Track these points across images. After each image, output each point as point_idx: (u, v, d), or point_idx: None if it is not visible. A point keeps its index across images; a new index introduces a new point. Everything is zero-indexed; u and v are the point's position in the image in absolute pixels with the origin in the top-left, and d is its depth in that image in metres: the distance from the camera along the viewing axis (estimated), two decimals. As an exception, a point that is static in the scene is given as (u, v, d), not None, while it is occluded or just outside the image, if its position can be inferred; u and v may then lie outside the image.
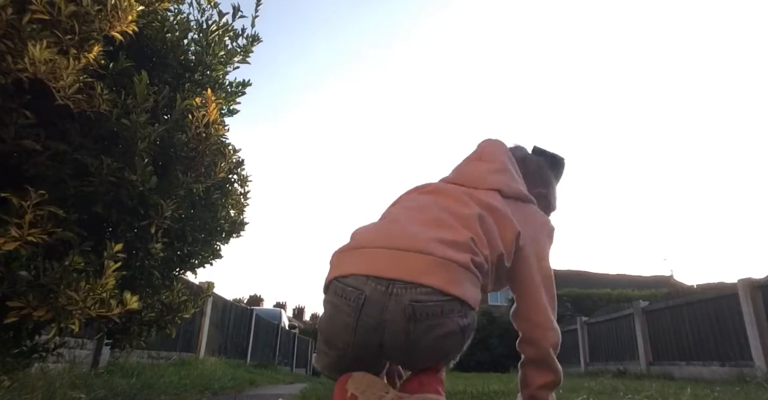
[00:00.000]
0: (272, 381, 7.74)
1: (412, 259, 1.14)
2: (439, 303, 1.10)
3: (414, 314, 1.09)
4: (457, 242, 1.20)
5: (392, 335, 1.11)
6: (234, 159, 2.62)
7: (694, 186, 54.24)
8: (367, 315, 1.10)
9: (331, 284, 1.19)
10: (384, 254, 1.17)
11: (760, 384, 3.90)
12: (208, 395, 3.91)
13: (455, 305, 1.12)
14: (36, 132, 1.77)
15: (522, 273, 1.41)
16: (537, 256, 1.43)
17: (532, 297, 1.42)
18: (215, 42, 2.54)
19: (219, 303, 8.46)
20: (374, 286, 1.11)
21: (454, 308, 1.12)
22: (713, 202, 56.29)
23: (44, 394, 2.13)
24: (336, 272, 1.20)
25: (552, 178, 1.77)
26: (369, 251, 1.20)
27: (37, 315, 1.76)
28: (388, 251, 1.17)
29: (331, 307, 1.17)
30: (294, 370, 15.97)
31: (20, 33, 1.64)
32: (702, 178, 54.28)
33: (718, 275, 51.19)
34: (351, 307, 1.12)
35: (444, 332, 1.12)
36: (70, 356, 3.73)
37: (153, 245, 2.19)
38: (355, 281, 1.14)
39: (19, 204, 1.66)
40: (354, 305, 1.11)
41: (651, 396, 2.88)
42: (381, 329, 1.11)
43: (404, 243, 1.18)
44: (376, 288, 1.11)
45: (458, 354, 1.24)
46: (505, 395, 2.44)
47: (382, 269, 1.13)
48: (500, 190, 1.45)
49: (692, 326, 7.72)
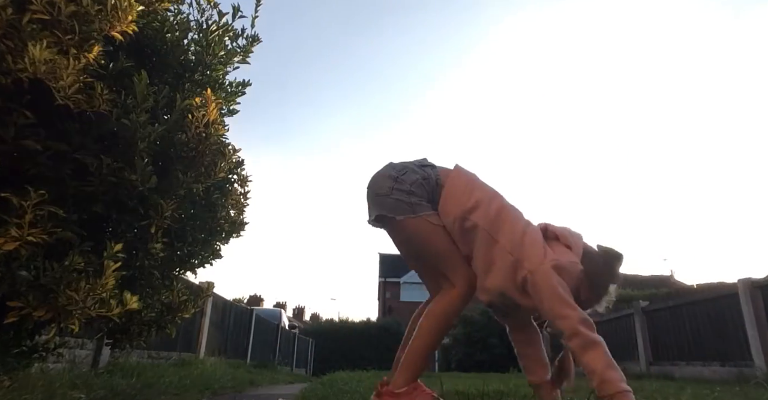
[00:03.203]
0: (272, 381, 7.74)
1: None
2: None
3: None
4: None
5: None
6: (234, 159, 2.62)
7: (695, 186, 54.29)
8: None
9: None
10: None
11: (760, 384, 3.90)
12: (208, 395, 3.91)
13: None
14: (36, 132, 1.77)
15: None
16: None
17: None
18: (215, 42, 2.54)
19: (219, 303, 8.45)
20: None
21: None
22: (713, 202, 56.34)
23: (44, 394, 2.13)
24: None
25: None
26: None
27: (37, 315, 1.76)
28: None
29: None
30: (294, 370, 15.97)
31: (20, 33, 1.64)
32: (702, 178, 54.32)
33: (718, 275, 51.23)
34: None
35: None
36: (70, 356, 3.73)
37: (153, 245, 2.19)
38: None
39: (19, 204, 1.66)
40: None
41: (651, 396, 2.88)
42: None
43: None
44: None
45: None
46: (505, 395, 2.44)
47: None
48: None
49: (692, 326, 7.72)
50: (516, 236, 1.81)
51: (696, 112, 45.94)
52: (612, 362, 1.59)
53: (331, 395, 3.06)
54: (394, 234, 2.04)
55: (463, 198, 1.90)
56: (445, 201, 1.93)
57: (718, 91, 46.24)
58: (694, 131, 48.64)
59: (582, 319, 1.64)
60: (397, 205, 1.88)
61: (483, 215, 1.86)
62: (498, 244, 1.81)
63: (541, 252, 1.76)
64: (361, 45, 49.37)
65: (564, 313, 1.65)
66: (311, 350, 21.69)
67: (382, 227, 2.04)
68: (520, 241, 1.80)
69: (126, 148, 1.96)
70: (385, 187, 1.92)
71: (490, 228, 1.84)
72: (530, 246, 1.78)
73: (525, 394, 2.38)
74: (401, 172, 1.94)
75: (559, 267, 1.72)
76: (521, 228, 1.84)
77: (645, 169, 49.46)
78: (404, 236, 1.99)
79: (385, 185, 1.93)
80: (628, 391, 1.53)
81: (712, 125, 47.58)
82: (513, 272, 1.77)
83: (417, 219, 1.88)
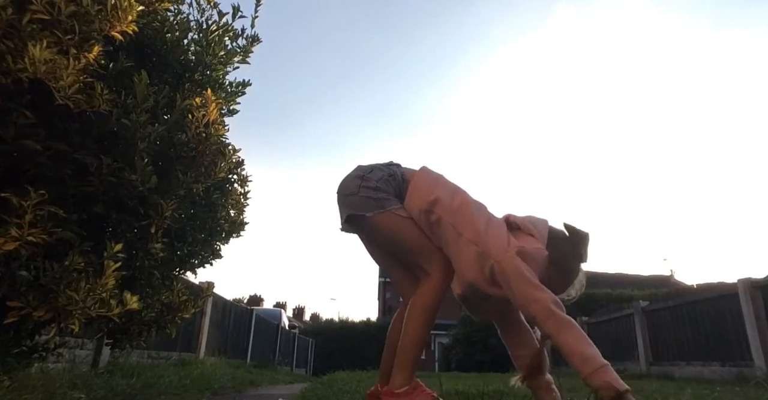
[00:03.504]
0: (272, 381, 7.74)
1: None
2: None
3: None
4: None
5: None
6: (234, 159, 2.62)
7: (695, 186, 54.28)
8: None
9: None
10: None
11: (760, 384, 3.90)
12: (208, 395, 3.91)
13: None
14: (36, 132, 1.77)
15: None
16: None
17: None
18: (215, 42, 2.54)
19: (219, 303, 8.45)
20: None
21: None
22: (713, 202, 56.33)
23: (44, 394, 2.13)
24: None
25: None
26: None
27: (37, 315, 1.76)
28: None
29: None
30: (294, 370, 15.97)
31: (20, 33, 1.64)
32: (702, 178, 54.30)
33: (718, 275, 51.21)
34: None
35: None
36: (70, 356, 3.73)
37: (153, 245, 2.19)
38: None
39: (19, 204, 1.66)
40: None
41: (651, 396, 2.88)
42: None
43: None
44: None
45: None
46: (505, 395, 2.44)
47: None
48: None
49: (692, 326, 7.72)
50: (479, 228, 1.83)
51: (696, 112, 45.97)
52: (587, 339, 1.60)
53: (331, 395, 3.06)
54: (365, 235, 2.09)
55: (426, 192, 1.95)
56: (410, 196, 1.97)
57: (718, 92, 46.25)
58: (694, 131, 48.67)
59: (554, 300, 1.64)
60: (365, 202, 1.92)
61: (446, 208, 1.90)
62: (462, 237, 1.84)
63: (505, 241, 1.78)
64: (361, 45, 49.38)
65: (534, 296, 1.66)
66: (311, 350, 21.70)
67: (354, 231, 2.07)
68: (483, 232, 1.82)
69: (126, 148, 1.96)
70: (353, 186, 1.97)
71: (453, 221, 1.87)
72: (494, 237, 1.80)
73: (525, 394, 2.37)
74: (367, 172, 1.99)
75: (524, 253, 1.73)
76: (484, 220, 1.87)
77: (645, 169, 49.47)
78: (376, 233, 2.02)
79: (352, 185, 1.97)
80: (607, 364, 1.55)
81: (712, 125, 47.61)
82: (479, 263, 1.79)
83: (386, 213, 1.91)
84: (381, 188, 1.94)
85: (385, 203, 1.92)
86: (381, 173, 1.99)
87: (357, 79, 51.96)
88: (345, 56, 50.25)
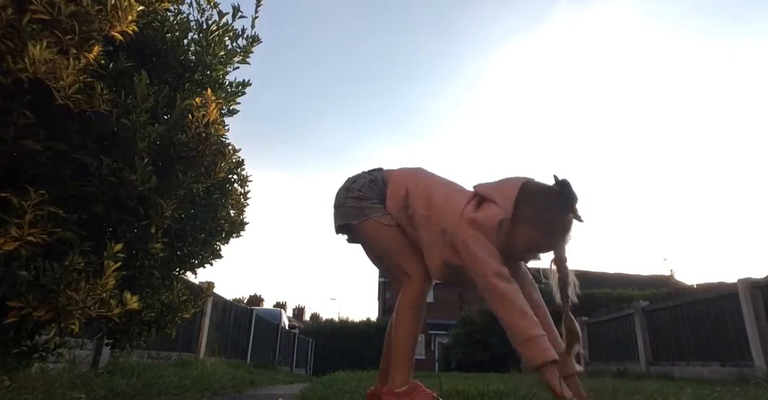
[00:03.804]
0: (272, 381, 7.74)
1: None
2: None
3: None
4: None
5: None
6: (234, 159, 2.62)
7: (695, 186, 54.27)
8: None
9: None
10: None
11: (760, 384, 3.90)
12: (208, 395, 3.90)
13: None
14: (36, 132, 1.77)
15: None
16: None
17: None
18: (215, 42, 2.54)
19: (219, 303, 8.45)
20: None
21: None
22: (713, 202, 56.32)
23: (44, 394, 2.13)
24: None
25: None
26: None
27: (37, 315, 1.76)
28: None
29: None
30: (294, 370, 15.97)
31: (20, 33, 1.64)
32: (702, 178, 54.29)
33: (718, 275, 51.19)
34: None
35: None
36: (70, 356, 3.73)
37: (153, 245, 2.19)
38: None
39: (19, 204, 1.66)
40: None
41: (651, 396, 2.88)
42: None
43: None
44: None
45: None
46: (505, 395, 2.44)
47: None
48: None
49: (692, 326, 7.72)
50: (439, 205, 1.87)
51: (696, 112, 45.96)
52: (522, 308, 1.60)
53: (331, 395, 3.05)
54: (359, 241, 2.13)
55: (399, 189, 1.99)
56: (388, 198, 2.01)
57: (718, 91, 46.24)
58: (694, 131, 48.65)
59: (495, 271, 1.64)
60: (350, 211, 1.98)
61: (416, 197, 1.94)
62: (429, 219, 1.87)
63: (457, 212, 1.79)
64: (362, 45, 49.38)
65: (476, 268, 1.67)
66: (311, 350, 21.69)
67: (352, 240, 2.12)
68: (441, 208, 1.85)
69: (126, 148, 1.96)
70: (341, 198, 2.04)
71: (423, 209, 1.90)
72: (449, 211, 1.82)
73: (525, 394, 2.37)
74: (351, 182, 2.06)
75: (473, 222, 1.73)
76: (443, 196, 1.90)
77: (645, 169, 49.46)
78: (361, 240, 2.09)
79: (341, 197, 2.05)
80: (537, 336, 1.57)
81: (712, 125, 47.59)
82: (443, 239, 1.81)
83: (368, 221, 1.96)
84: (364, 195, 1.99)
85: (368, 210, 1.97)
86: (363, 180, 2.05)
87: (357, 79, 52.00)
88: (345, 56, 50.29)
